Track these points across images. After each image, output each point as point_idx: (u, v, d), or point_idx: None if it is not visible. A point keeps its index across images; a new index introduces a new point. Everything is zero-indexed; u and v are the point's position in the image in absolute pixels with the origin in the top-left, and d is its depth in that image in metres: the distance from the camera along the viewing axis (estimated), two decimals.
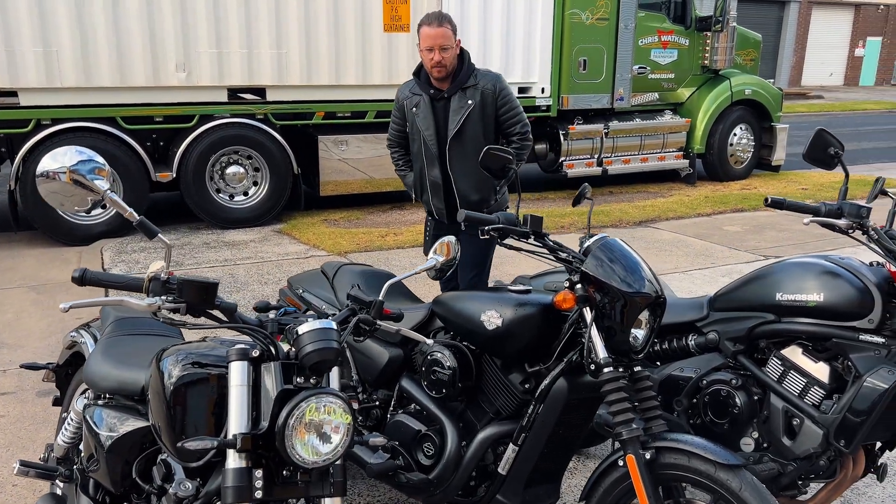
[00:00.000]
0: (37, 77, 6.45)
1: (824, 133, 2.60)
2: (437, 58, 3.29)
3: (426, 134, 3.46)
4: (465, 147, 3.43)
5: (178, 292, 1.55)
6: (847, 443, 2.30)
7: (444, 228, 3.60)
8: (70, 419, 2.35)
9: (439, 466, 2.41)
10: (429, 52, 3.31)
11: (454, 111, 3.41)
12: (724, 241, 7.02)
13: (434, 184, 3.55)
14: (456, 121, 3.40)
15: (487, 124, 3.46)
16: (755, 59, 10.47)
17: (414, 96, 3.48)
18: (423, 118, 3.45)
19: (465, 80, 3.41)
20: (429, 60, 3.33)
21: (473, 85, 3.42)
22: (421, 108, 3.45)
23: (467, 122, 3.41)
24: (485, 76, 3.46)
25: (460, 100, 3.41)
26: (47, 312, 4.98)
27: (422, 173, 3.59)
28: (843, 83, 31.06)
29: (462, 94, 3.41)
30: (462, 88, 3.41)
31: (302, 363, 1.56)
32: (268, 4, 7.09)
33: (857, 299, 2.33)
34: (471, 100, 3.40)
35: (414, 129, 3.51)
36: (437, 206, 3.60)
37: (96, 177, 1.50)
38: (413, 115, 3.48)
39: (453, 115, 3.41)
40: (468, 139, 3.43)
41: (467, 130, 3.42)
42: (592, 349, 2.14)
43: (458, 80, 3.41)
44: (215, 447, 1.51)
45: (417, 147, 3.54)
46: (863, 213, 2.47)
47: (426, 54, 3.32)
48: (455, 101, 3.41)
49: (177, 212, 7.81)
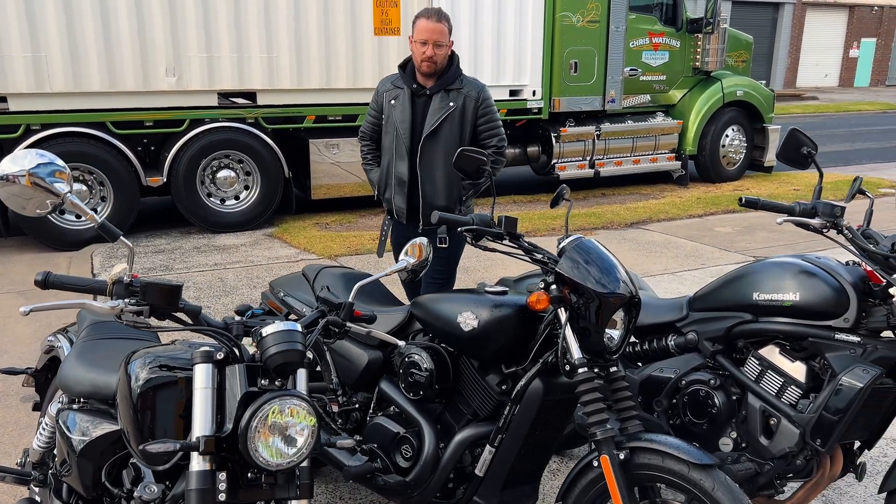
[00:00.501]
0: (26, 82, 6.45)
1: (797, 133, 2.61)
2: (429, 52, 3.25)
3: (400, 127, 3.38)
4: (437, 148, 3.37)
5: (142, 295, 1.55)
6: (823, 442, 2.30)
7: (402, 230, 3.55)
8: (45, 424, 2.34)
9: (417, 468, 2.41)
10: (422, 45, 3.26)
11: (434, 110, 3.36)
12: (715, 242, 7.02)
13: (399, 180, 3.45)
14: (434, 120, 3.34)
15: (465, 130, 3.40)
16: (747, 60, 10.49)
17: (395, 89, 3.43)
18: (400, 111, 3.38)
19: (450, 81, 3.37)
20: (420, 53, 3.28)
21: (458, 88, 3.39)
22: (400, 100, 3.39)
23: (445, 123, 3.35)
24: (470, 83, 3.43)
25: (442, 100, 3.36)
26: (35, 318, 4.97)
27: (388, 168, 3.49)
28: (837, 84, 31.12)
29: (445, 95, 3.36)
30: (446, 89, 3.37)
31: (266, 365, 1.56)
32: (257, 8, 7.10)
33: (833, 298, 2.34)
34: (453, 102, 3.35)
35: (389, 122, 3.44)
36: (398, 206, 3.49)
37: (56, 179, 1.50)
38: (391, 107, 3.41)
39: (432, 113, 3.36)
40: (442, 141, 3.37)
41: (443, 132, 3.36)
42: (567, 350, 2.14)
43: (444, 80, 3.37)
44: (179, 450, 1.50)
45: (390, 141, 3.45)
46: (836, 213, 2.47)
47: (419, 47, 3.27)
48: (437, 100, 3.36)
49: (168, 216, 7.81)
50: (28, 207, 1.53)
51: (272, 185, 7.52)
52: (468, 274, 5.94)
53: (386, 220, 3.62)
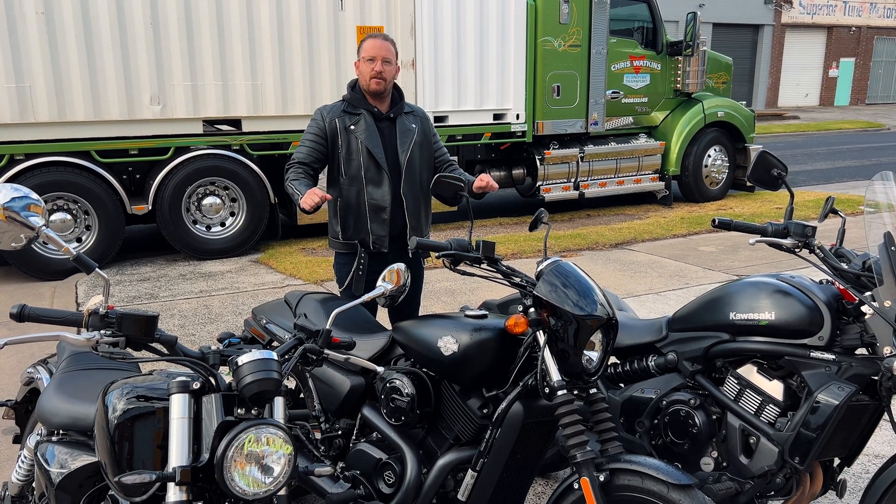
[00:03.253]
0: (10, 112, 6.46)
1: (767, 155, 2.66)
2: (378, 67, 3.20)
3: (376, 152, 3.24)
4: (416, 170, 3.34)
5: (118, 326, 1.56)
6: (802, 459, 2.32)
7: (380, 260, 3.31)
8: (24, 456, 2.33)
9: (399, 494, 2.40)
10: (370, 61, 3.21)
11: (403, 132, 3.32)
12: (699, 261, 7.08)
13: (377, 207, 3.29)
14: (408, 142, 3.31)
15: (426, 151, 3.40)
16: (727, 81, 10.66)
17: (349, 115, 3.27)
18: (368, 136, 3.24)
19: (404, 107, 3.37)
20: (369, 70, 3.21)
21: (412, 112, 3.41)
22: (362, 125, 3.25)
23: (415, 146, 3.33)
24: (416, 108, 3.47)
25: (406, 123, 3.34)
26: (17, 349, 4.93)
27: (358, 197, 3.29)
28: (818, 103, 31.60)
29: (406, 118, 3.35)
30: (405, 112, 3.37)
31: (242, 394, 1.56)
32: (241, 36, 7.16)
33: (807, 317, 2.37)
34: (414, 124, 3.36)
35: (351, 149, 3.26)
36: (377, 234, 3.31)
37: (31, 213, 1.51)
38: (349, 133, 3.25)
39: (403, 136, 3.31)
40: (418, 162, 3.35)
41: (416, 155, 3.34)
42: (546, 372, 2.15)
43: (400, 106, 3.35)
44: (155, 481, 1.50)
45: (356, 168, 3.26)
46: (808, 233, 2.51)
47: (367, 65, 3.21)
48: (402, 122, 3.33)
49: (153, 244, 7.80)
50: (3, 241, 1.54)
51: (258, 211, 7.54)
52: (454, 297, 5.96)
53: (361, 255, 3.33)
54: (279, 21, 7.29)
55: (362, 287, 3.34)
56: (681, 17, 12.94)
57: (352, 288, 3.36)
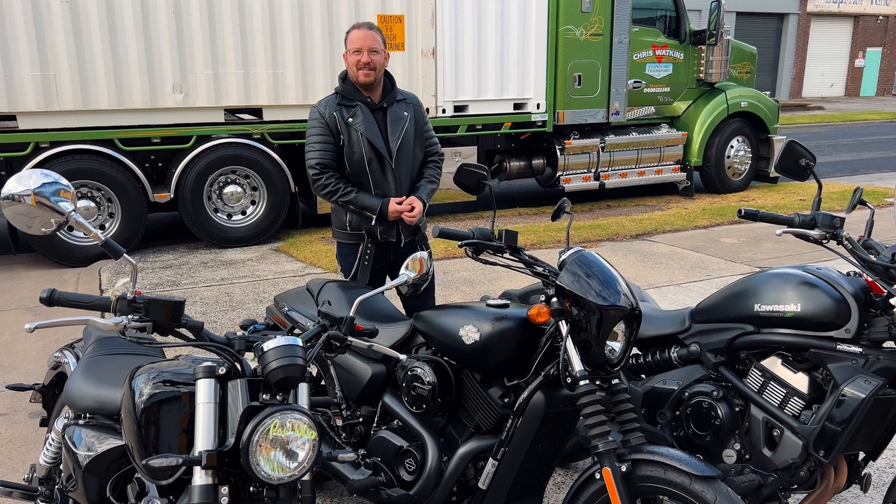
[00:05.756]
0: (35, 101, 6.54)
1: (795, 144, 2.62)
2: (365, 59, 3.18)
3: (376, 142, 3.23)
4: (407, 157, 3.33)
5: (145, 311, 1.57)
6: (826, 453, 2.29)
7: (386, 249, 3.34)
8: (51, 439, 2.36)
9: (420, 482, 2.42)
10: (356, 53, 3.20)
11: (394, 121, 3.29)
12: (721, 253, 7.01)
13: (382, 196, 3.29)
14: (398, 131, 3.29)
15: (419, 139, 3.39)
16: (751, 71, 10.52)
17: (345, 108, 3.26)
18: (367, 127, 3.23)
19: (397, 94, 3.35)
20: (355, 62, 3.20)
21: (404, 100, 3.38)
22: (359, 116, 3.23)
23: (406, 134, 3.31)
24: (409, 95, 3.44)
25: (397, 111, 3.32)
26: (43, 334, 5.01)
27: (363, 188, 3.29)
28: (843, 94, 31.10)
29: (398, 106, 3.33)
30: (396, 101, 3.34)
31: (267, 380, 1.58)
32: (263, 25, 7.18)
33: (834, 309, 2.34)
34: (406, 112, 3.34)
35: (353, 142, 3.24)
36: (386, 225, 3.30)
37: (60, 199, 1.53)
38: (349, 125, 3.24)
39: (394, 125, 3.29)
40: (407, 153, 3.33)
41: (406, 144, 3.32)
42: (569, 362, 2.15)
43: (391, 94, 3.33)
44: (181, 464, 1.52)
45: (359, 160, 3.25)
46: (836, 224, 2.48)
47: (353, 56, 3.21)
48: (392, 111, 3.31)
49: (175, 232, 7.87)
50: (33, 226, 1.56)
51: (278, 199, 7.57)
52: (472, 286, 5.96)
53: (367, 245, 3.33)
54: (300, 10, 7.29)
55: (367, 277, 3.35)
56: (703, 6, 12.79)
57: (357, 278, 3.37)
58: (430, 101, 7.99)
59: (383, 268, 3.39)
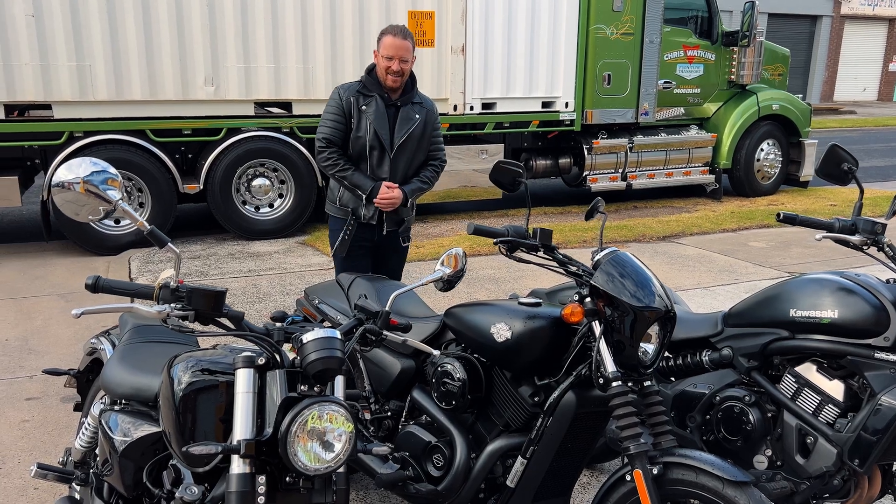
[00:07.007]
0: (70, 90, 6.64)
1: (837, 148, 2.58)
2: (395, 67, 3.44)
3: (381, 133, 3.51)
4: (405, 155, 3.59)
5: (187, 300, 1.59)
6: (861, 462, 2.26)
7: (365, 231, 3.65)
8: (87, 424, 2.40)
9: (448, 478, 2.42)
10: (388, 59, 3.44)
11: (403, 119, 3.55)
12: (749, 257, 6.94)
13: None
14: (405, 129, 3.54)
15: (424, 141, 3.64)
16: (783, 73, 10.37)
17: (364, 96, 3.52)
18: (376, 118, 3.50)
19: (414, 96, 3.61)
20: (386, 68, 3.45)
21: (420, 103, 3.63)
22: (373, 107, 3.50)
23: (412, 134, 3.57)
24: (426, 99, 3.69)
25: (409, 111, 3.57)
26: (74, 320, 5.09)
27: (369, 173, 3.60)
28: (876, 98, 30.54)
29: (411, 108, 3.58)
30: (412, 102, 3.60)
31: (306, 371, 1.59)
32: (294, 20, 7.22)
33: (873, 317, 2.30)
34: (418, 115, 3.59)
35: (361, 127, 3.52)
36: (371, 209, 3.59)
37: (109, 187, 1.55)
38: (362, 112, 3.50)
39: (402, 122, 3.55)
40: (407, 151, 3.59)
41: (409, 142, 3.58)
42: (601, 363, 2.14)
43: (410, 95, 3.59)
44: (220, 452, 1.54)
45: (361, 145, 3.54)
46: (877, 230, 2.44)
47: (384, 61, 3.45)
48: (405, 111, 3.56)
49: (203, 223, 7.95)
50: (81, 214, 1.58)
51: (306, 193, 7.62)
52: (497, 284, 5.95)
53: (350, 221, 3.61)
54: (332, 4, 7.32)
55: (345, 250, 3.65)
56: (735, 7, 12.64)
57: (338, 250, 3.68)
58: (459, 97, 7.99)
59: (365, 248, 3.70)
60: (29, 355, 4.54)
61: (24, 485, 3.18)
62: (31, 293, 5.72)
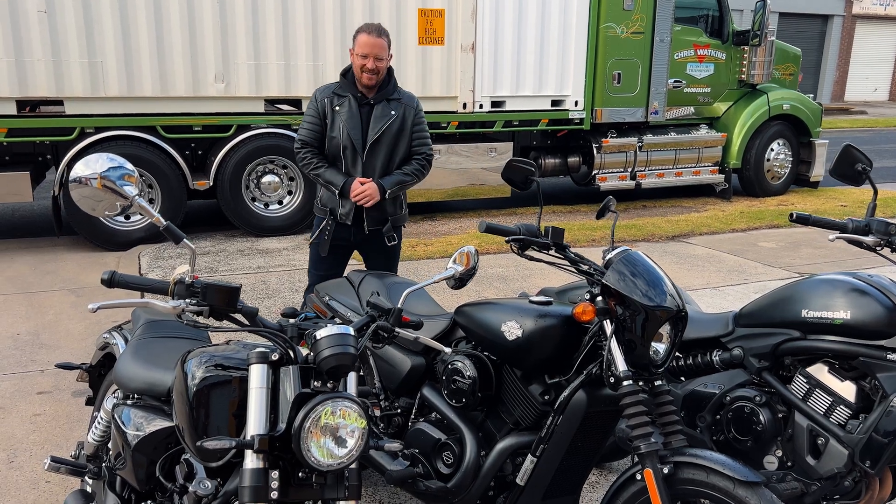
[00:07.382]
0: (82, 86, 6.67)
1: (852, 149, 2.57)
2: (370, 65, 3.42)
3: (352, 133, 3.51)
4: (380, 154, 3.56)
5: (202, 296, 1.60)
6: (873, 464, 2.25)
7: (343, 231, 3.65)
8: (100, 418, 2.42)
9: (458, 475, 2.43)
10: (363, 58, 3.43)
11: (377, 118, 3.53)
12: (759, 257, 6.91)
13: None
14: (378, 127, 3.52)
15: (403, 138, 3.60)
16: (794, 73, 10.32)
17: (338, 97, 3.54)
18: (348, 118, 3.50)
19: (391, 92, 3.58)
20: (360, 66, 3.44)
21: (398, 99, 3.59)
22: (345, 107, 3.51)
23: (387, 131, 3.54)
24: (407, 95, 3.65)
25: (384, 108, 3.54)
26: (86, 315, 5.13)
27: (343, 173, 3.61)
28: (887, 98, 30.35)
29: (387, 104, 3.56)
30: (387, 99, 3.56)
31: (319, 367, 1.59)
32: (304, 18, 7.23)
33: (886, 318, 2.30)
34: (394, 111, 3.56)
35: (334, 128, 3.54)
36: (345, 207, 3.59)
37: (125, 183, 1.56)
38: (335, 113, 3.52)
39: (375, 121, 3.53)
40: (383, 148, 3.56)
41: (384, 139, 3.55)
42: (612, 362, 2.14)
43: (385, 91, 3.56)
44: (233, 447, 1.54)
45: (335, 146, 3.55)
46: (891, 231, 2.43)
47: (359, 60, 3.44)
48: (379, 108, 3.54)
49: (213, 219, 7.98)
50: (98, 209, 1.60)
51: (315, 190, 7.61)
52: (506, 283, 5.95)
53: (328, 221, 3.65)
54: (342, 2, 7.33)
55: (326, 249, 3.67)
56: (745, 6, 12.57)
57: (318, 248, 3.70)
58: (468, 95, 7.99)
59: (345, 247, 3.73)
60: (40, 349, 4.57)
61: (36, 478, 3.20)
62: (43, 288, 5.75)
